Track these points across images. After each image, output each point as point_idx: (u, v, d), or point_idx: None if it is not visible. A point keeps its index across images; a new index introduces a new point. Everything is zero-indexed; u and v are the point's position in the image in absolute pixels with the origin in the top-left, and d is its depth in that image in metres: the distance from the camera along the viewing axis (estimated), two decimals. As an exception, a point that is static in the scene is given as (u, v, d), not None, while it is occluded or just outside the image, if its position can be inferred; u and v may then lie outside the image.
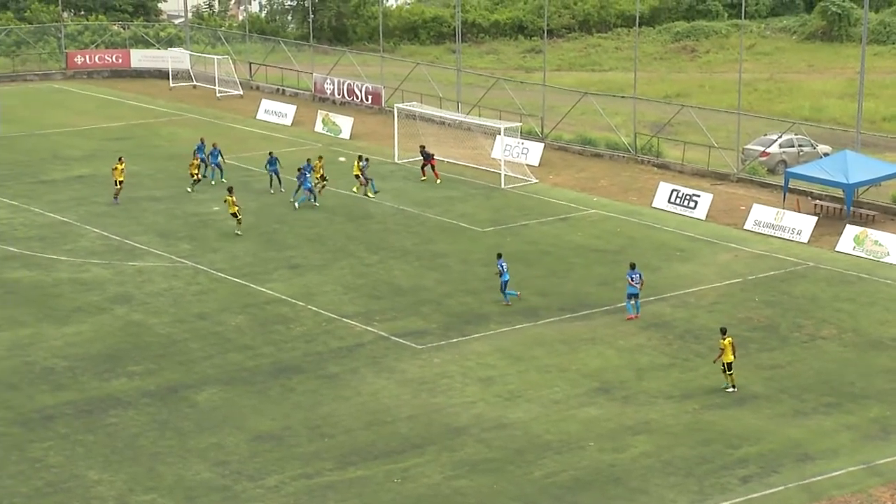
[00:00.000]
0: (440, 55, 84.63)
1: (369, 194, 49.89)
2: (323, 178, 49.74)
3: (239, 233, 44.11)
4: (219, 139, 54.98)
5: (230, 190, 44.86)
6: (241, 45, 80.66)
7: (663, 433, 29.56)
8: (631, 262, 37.51)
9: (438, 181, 52.35)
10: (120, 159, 50.24)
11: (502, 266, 37.91)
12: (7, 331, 36.08)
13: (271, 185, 51.62)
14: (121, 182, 49.20)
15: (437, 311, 37.63)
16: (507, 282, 37.98)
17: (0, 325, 36.57)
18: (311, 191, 48.92)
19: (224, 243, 43.38)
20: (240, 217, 44.50)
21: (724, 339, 31.57)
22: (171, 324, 36.70)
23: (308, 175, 48.92)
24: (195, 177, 50.95)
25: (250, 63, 76.86)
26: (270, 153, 53.12)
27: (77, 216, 47.89)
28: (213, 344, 35.09)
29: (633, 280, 36.52)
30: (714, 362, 32.03)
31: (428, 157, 53.17)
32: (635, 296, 36.65)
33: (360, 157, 50.97)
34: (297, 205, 48.80)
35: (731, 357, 31.55)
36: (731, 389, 31.70)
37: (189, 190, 50.70)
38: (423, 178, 53.03)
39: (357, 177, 50.12)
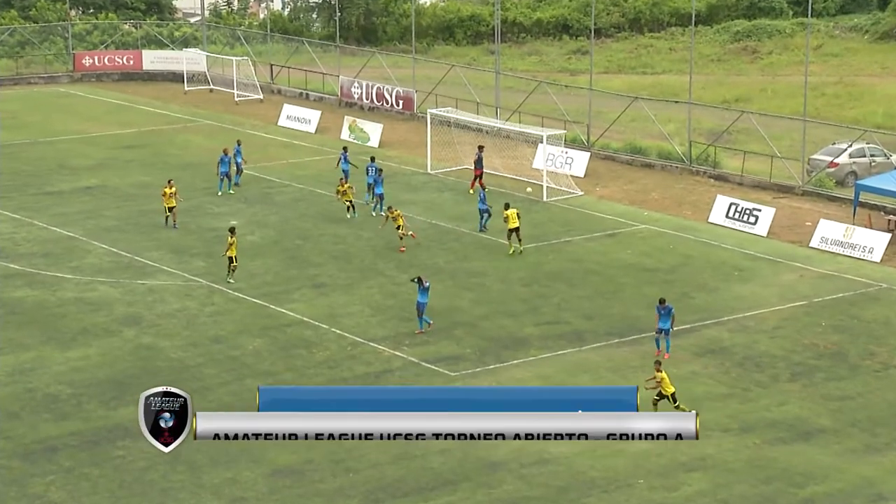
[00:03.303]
0: (477, 56, 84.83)
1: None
2: (399, 227, 45.57)
3: (231, 280, 41.99)
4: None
5: (232, 230, 42.48)
6: (261, 46, 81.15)
7: (720, 470, 29.36)
8: (660, 297, 36.75)
9: (472, 191, 52.20)
10: (169, 182, 48.43)
11: (424, 287, 37.12)
12: (8, 354, 36.35)
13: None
14: (171, 208, 47.72)
15: (473, 335, 37.59)
16: (424, 304, 37.27)
17: (0, 348, 36.84)
18: (380, 197, 49.30)
19: (242, 260, 43.55)
20: (235, 264, 41.92)
21: (660, 373, 31.26)
22: (184, 347, 36.84)
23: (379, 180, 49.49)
24: (349, 202, 48.93)
25: (271, 65, 77.30)
26: (344, 148, 54.01)
27: (84, 231, 48.23)
28: (229, 370, 35.20)
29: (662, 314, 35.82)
30: (647, 389, 30.97)
31: (478, 165, 52.99)
32: (666, 331, 35.89)
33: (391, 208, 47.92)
34: (378, 213, 49.24)
35: (672, 388, 31.25)
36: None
37: (350, 216, 48.97)
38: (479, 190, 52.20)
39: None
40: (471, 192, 52.18)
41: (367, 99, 70.53)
